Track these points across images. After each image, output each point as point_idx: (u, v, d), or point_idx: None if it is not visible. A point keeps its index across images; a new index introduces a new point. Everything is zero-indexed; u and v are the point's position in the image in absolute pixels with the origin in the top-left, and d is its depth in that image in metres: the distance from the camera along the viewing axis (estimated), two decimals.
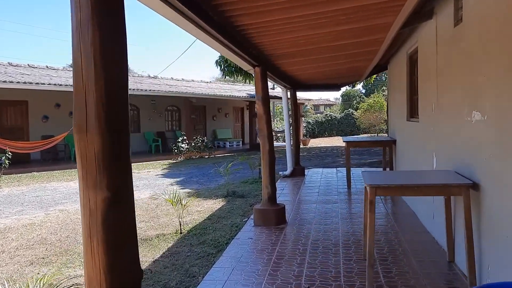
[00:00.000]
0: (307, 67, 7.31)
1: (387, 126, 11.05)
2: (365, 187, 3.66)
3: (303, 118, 32.68)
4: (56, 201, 8.35)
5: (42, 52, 73.48)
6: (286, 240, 4.82)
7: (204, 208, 7.11)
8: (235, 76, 16.04)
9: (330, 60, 6.75)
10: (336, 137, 35.03)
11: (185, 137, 17.94)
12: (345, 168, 10.79)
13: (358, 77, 10.03)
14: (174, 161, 16.89)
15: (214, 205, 7.36)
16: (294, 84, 9.46)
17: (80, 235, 5.72)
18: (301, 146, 25.33)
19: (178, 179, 11.08)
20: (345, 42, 5.35)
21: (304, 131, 35.13)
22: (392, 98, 8.49)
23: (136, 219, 5.44)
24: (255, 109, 5.72)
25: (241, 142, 24.20)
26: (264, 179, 5.69)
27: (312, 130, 36.34)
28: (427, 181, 3.52)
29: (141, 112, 19.89)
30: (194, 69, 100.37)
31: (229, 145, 23.00)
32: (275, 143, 25.14)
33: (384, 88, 53.86)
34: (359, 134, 36.21)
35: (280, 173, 9.59)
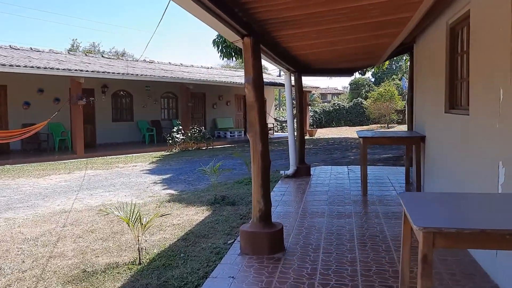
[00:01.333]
0: (317, 43, 5.77)
1: (410, 119, 9.51)
2: (407, 219, 2.15)
3: (309, 107, 31.10)
4: (9, 204, 6.94)
5: (46, 37, 72.04)
6: (284, 279, 3.36)
7: (183, 220, 5.65)
8: (235, 58, 14.50)
9: (347, 33, 5.20)
10: (344, 127, 33.46)
11: (180, 127, 16.48)
12: (357, 166, 9.29)
13: (376, 59, 8.45)
14: (168, 153, 15.46)
15: (195, 216, 5.89)
16: (299, 67, 7.92)
17: (15, 262, 4.29)
18: (307, 137, 23.80)
19: (164, 177, 9.63)
20: (370, 2, 3.82)
21: (311, 121, 33.57)
22: (419, 84, 6.92)
23: (94, 235, 3.80)
24: (246, 94, 4.23)
25: (243, 132, 22.68)
26: (254, 191, 4.21)
27: (319, 119, 34.79)
28: None
29: (135, 99, 18.43)
30: (204, 57, 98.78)
31: (230, 135, 21.53)
32: (280, 134, 23.60)
33: (395, 76, 52.05)
34: (369, 125, 34.63)
35: (282, 172, 8.10)
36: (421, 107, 6.64)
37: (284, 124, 28.60)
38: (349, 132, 27.91)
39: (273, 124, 24.88)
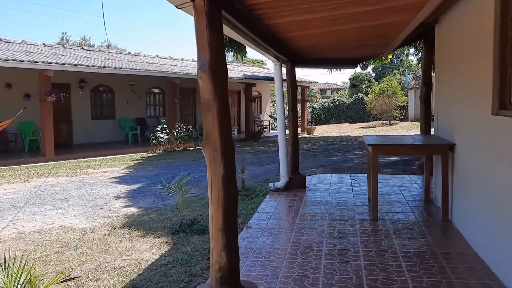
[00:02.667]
0: (312, 20, 4.30)
1: (425, 120, 8.06)
2: None
3: (308, 103, 29.62)
4: None
5: (37, 31, 70.36)
6: None
7: (129, 261, 4.17)
8: (226, 50, 12.97)
9: (353, 3, 3.74)
10: (344, 124, 32.00)
11: (165, 126, 15.00)
12: (361, 175, 7.83)
13: (385, 47, 6.98)
14: (150, 155, 13.99)
15: (149, 252, 4.42)
16: (291, 55, 6.45)
17: None
18: (305, 135, 22.33)
19: (133, 187, 8.16)
20: None
21: (309, 118, 32.10)
22: (445, 76, 5.43)
23: None
24: (199, 87, 2.76)
25: (236, 130, 21.23)
26: (213, 239, 2.74)
27: (318, 116, 33.34)
28: None
29: (116, 95, 16.93)
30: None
31: None
32: (276, 132, 22.20)
33: (396, 71, 50.57)
34: (370, 121, 33.19)
35: (270, 185, 6.62)
36: (447, 106, 5.15)
37: (274, 124, 27.14)
38: (350, 129, 26.44)
39: (269, 121, 23.41)
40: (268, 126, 23.12)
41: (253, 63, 40.90)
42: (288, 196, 6.21)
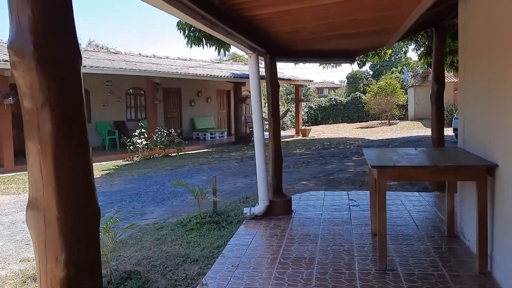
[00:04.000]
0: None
1: (438, 127, 6.69)
2: None
3: (303, 103, 28.23)
4: None
5: None
6: None
7: None
8: (205, 45, 11.57)
9: None
10: (342, 124, 30.64)
11: (143, 130, 13.56)
12: (362, 193, 6.42)
13: (388, 35, 5.57)
14: (126, 163, 12.56)
15: None
16: (270, 45, 5.03)
17: None
18: (299, 137, 20.92)
19: None
20: None
21: (305, 118, 30.71)
22: (476, 68, 4.00)
23: None
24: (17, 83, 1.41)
25: (226, 133, 19.81)
26: None
27: (315, 116, 32.01)
28: None
29: (92, 96, 15.46)
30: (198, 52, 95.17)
31: (211, 137, 18.65)
32: (266, 134, 20.99)
33: (394, 69, 49.22)
34: (368, 121, 31.85)
35: (246, 211, 5.18)
36: (482, 111, 3.72)
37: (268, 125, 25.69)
38: (347, 130, 25.06)
39: None
40: None
41: (247, 61, 39.51)
42: (268, 227, 4.79)
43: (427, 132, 20.85)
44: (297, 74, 24.09)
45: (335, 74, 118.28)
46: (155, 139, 13.80)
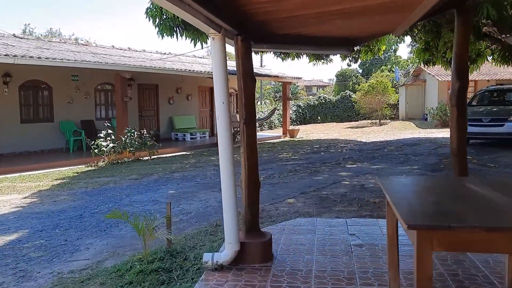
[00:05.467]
0: None
1: (460, 133, 5.30)
2: None
3: (291, 101, 26.84)
4: None
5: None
6: None
7: None
8: (178, 35, 10.06)
9: None
10: (331, 124, 29.34)
11: (110, 131, 11.98)
12: (363, 219, 4.98)
13: (399, 15, 4.14)
14: (88, 169, 10.97)
15: None
16: (243, 23, 3.56)
17: None
18: (287, 138, 19.45)
19: None
20: None
21: (293, 116, 29.32)
22: None
23: None
24: None
25: (208, 133, 18.29)
26: None
27: (303, 115, 30.68)
28: None
29: (56, 92, 13.83)
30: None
31: (191, 138, 17.12)
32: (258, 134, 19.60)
33: (384, 68, 48.15)
34: (358, 120, 30.65)
35: (207, 258, 3.65)
36: None
37: (258, 123, 24.18)
38: (337, 130, 23.72)
39: None
40: None
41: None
42: (237, 285, 3.31)
43: (421, 133, 19.60)
44: (284, 71, 22.66)
45: (324, 72, 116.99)
46: (124, 141, 12.23)
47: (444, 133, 19.07)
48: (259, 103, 41.73)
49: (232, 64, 20.23)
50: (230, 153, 3.54)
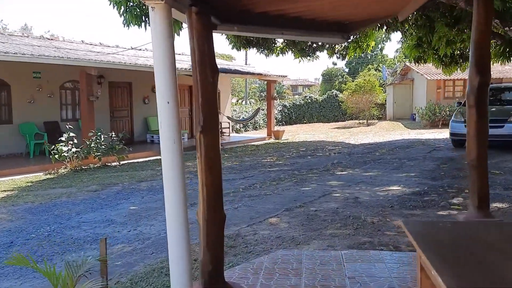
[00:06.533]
0: None
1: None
2: None
3: (276, 101, 25.77)
4: None
5: None
6: None
7: None
8: (147, 24, 8.88)
9: None
10: (317, 124, 28.40)
11: (71, 134, 10.72)
12: (364, 252, 3.88)
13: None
14: (46, 177, 9.71)
15: None
16: None
17: None
18: (271, 140, 18.32)
19: None
20: None
21: (279, 117, 28.28)
22: None
23: None
24: None
25: (186, 135, 17.09)
26: None
27: (289, 115, 29.70)
28: None
29: (14, 91, 12.48)
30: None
31: None
32: (237, 136, 18.26)
33: (370, 66, 47.48)
34: (345, 120, 29.79)
35: None
36: None
37: (238, 125, 23.10)
38: (324, 131, 22.75)
39: (229, 123, 19.37)
40: (227, 128, 19.12)
41: (222, 57, 36.73)
42: None
43: (411, 134, 18.71)
44: (269, 69, 21.57)
45: (310, 72, 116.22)
46: (89, 145, 10.99)
47: (435, 134, 18.22)
48: (244, 102, 40.65)
49: (221, 62, 19.14)
50: (179, 174, 2.42)
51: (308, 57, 16.23)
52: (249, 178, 8.73)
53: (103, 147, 11.15)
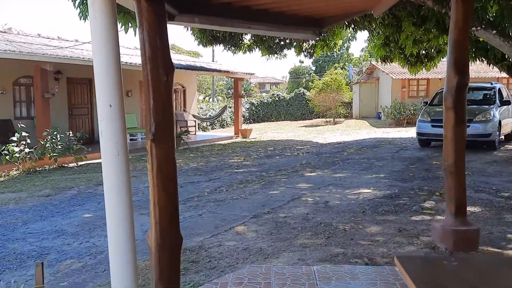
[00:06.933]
0: None
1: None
2: None
3: (244, 98, 25.44)
4: None
5: None
6: None
7: None
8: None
9: None
10: (285, 122, 28.27)
11: (24, 133, 9.97)
12: (339, 267, 3.57)
13: None
14: None
15: None
16: None
17: None
18: (239, 139, 17.92)
19: None
20: None
21: (246, 114, 27.92)
22: None
23: None
24: None
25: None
26: None
27: (257, 113, 29.40)
28: None
29: None
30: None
31: (131, 139, 15.29)
32: (204, 135, 17.78)
33: (337, 65, 47.86)
34: (312, 119, 29.77)
35: None
36: None
37: (205, 123, 22.58)
38: (292, 129, 22.60)
39: (195, 122, 18.85)
40: (194, 126, 18.60)
41: (188, 54, 35.94)
42: None
43: (377, 133, 18.78)
44: (236, 66, 21.16)
45: (277, 69, 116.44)
46: (44, 145, 10.28)
47: (400, 133, 18.35)
48: (211, 100, 40.02)
49: (179, 58, 18.40)
50: (124, 197, 2.01)
51: (276, 55, 15.94)
52: (215, 180, 8.34)
53: (59, 147, 10.46)
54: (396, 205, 5.96)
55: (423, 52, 13.46)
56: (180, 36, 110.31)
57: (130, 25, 9.02)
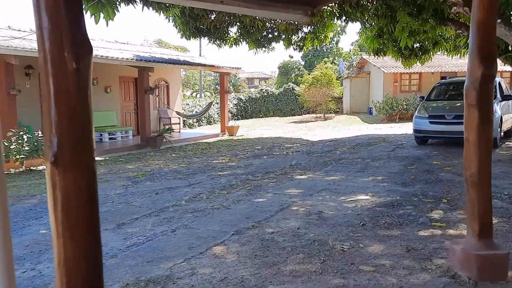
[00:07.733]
0: None
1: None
2: None
3: (230, 94, 24.58)
4: None
5: None
6: None
7: None
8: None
9: None
10: (274, 118, 27.52)
11: None
12: None
13: None
14: None
15: None
16: None
17: None
18: (225, 137, 17.05)
19: None
20: None
21: (234, 110, 27.09)
22: None
23: None
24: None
25: (131, 132, 15.60)
26: None
27: (245, 109, 28.60)
28: None
29: None
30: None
31: (110, 138, 14.42)
32: (189, 132, 16.94)
33: (326, 60, 47.17)
34: (302, 114, 29.08)
35: None
36: None
37: (191, 120, 21.73)
38: (281, 126, 21.84)
39: (179, 119, 17.98)
40: (177, 124, 17.75)
41: (176, 49, 34.89)
42: None
43: (369, 129, 18.07)
44: (222, 60, 20.28)
45: (266, 64, 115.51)
46: (8, 146, 9.36)
47: (393, 129, 17.68)
48: (198, 95, 39.04)
49: (164, 52, 17.40)
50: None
51: (264, 48, 15.14)
52: (195, 185, 7.51)
53: (26, 148, 9.55)
54: (399, 216, 5.20)
55: (417, 45, 12.79)
56: (167, 31, 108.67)
57: (100, 15, 8.14)
